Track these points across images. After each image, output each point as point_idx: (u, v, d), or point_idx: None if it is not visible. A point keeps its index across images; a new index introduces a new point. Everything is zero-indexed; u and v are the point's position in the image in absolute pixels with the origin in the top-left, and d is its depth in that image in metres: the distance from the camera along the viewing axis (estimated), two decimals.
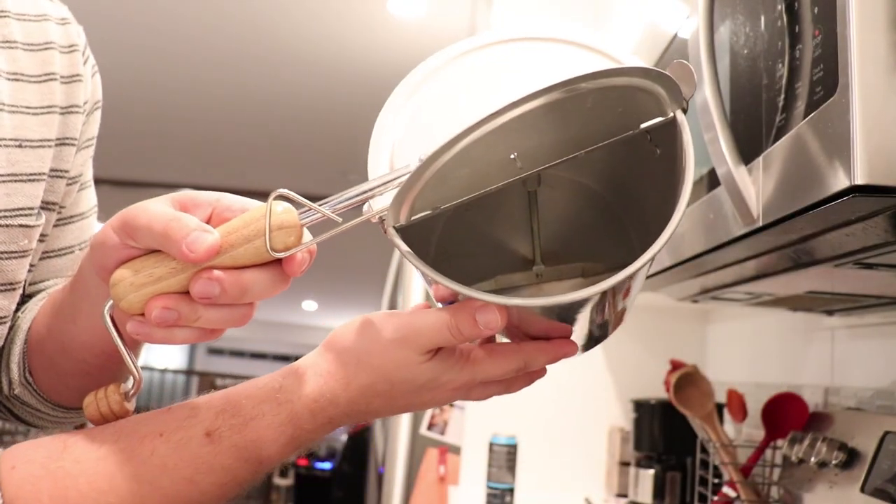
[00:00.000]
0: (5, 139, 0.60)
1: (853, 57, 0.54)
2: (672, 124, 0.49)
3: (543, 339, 0.53)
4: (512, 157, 0.50)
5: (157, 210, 0.47)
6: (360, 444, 4.76)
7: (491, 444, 1.69)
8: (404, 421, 2.20)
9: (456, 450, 2.11)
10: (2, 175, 0.59)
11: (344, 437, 5.18)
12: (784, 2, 0.66)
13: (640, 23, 1.48)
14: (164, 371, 9.26)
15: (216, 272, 0.46)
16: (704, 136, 0.71)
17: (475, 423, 2.03)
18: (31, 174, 0.61)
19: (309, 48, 3.59)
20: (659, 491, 1.60)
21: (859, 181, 0.52)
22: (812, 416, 1.21)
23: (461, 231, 0.59)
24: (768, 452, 1.30)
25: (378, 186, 0.50)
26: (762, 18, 0.71)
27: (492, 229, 0.62)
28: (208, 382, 7.97)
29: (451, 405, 2.31)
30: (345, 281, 8.52)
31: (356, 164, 5.33)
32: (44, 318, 0.64)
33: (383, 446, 2.77)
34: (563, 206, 0.61)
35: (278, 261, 0.48)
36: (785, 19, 0.66)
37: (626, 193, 0.58)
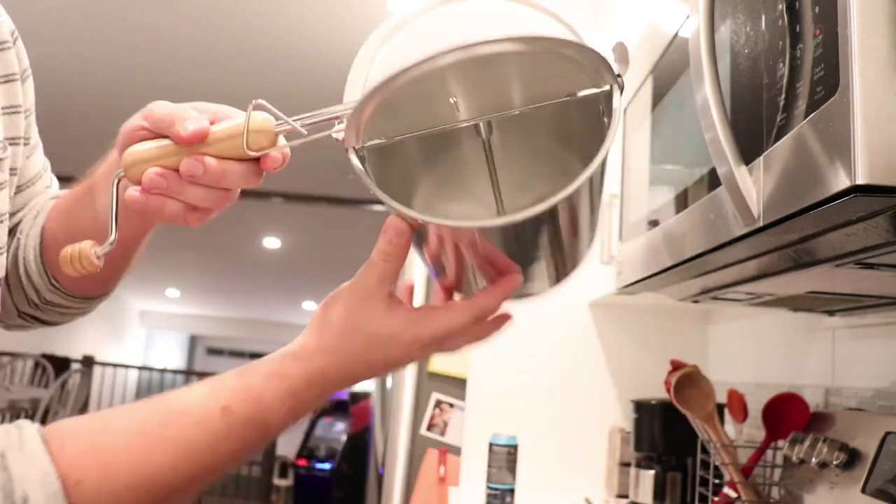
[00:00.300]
0: None
1: (854, 56, 0.54)
2: (609, 96, 0.54)
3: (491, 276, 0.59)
4: (452, 101, 0.55)
5: (170, 103, 0.60)
6: (360, 444, 4.76)
7: (491, 445, 1.69)
8: (404, 421, 2.20)
9: (456, 450, 2.11)
10: None
11: (344, 438, 5.18)
12: (785, 1, 0.66)
13: (640, 22, 1.48)
14: (163, 371, 9.26)
15: (203, 157, 0.56)
16: (705, 135, 0.71)
17: (475, 424, 2.03)
18: None
19: (309, 47, 3.59)
20: (659, 491, 1.60)
21: (860, 181, 0.52)
22: (813, 416, 1.21)
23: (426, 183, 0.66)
24: (769, 453, 1.30)
25: (344, 111, 0.56)
26: (763, 18, 0.71)
27: (453, 181, 0.67)
28: None
29: (451, 405, 2.31)
30: (344, 281, 8.51)
31: None
32: (56, 224, 0.75)
33: (383, 447, 2.77)
34: (521, 162, 0.65)
35: (256, 159, 0.58)
36: (786, 18, 0.66)
37: (581, 149, 0.61)
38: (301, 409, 0.57)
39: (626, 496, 1.77)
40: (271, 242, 7.49)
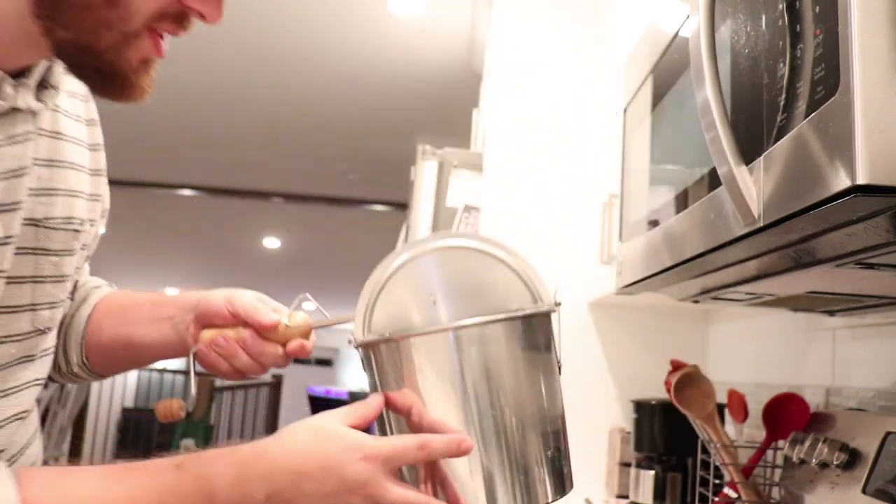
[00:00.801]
0: (64, 162, 0.78)
1: (854, 56, 0.53)
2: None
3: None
4: (432, 300, 0.69)
5: (249, 296, 0.82)
6: None
7: None
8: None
9: None
10: (63, 190, 0.77)
11: None
12: (785, 1, 0.66)
13: (640, 22, 1.48)
14: (163, 371, 9.26)
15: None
16: (705, 135, 0.71)
17: None
18: (76, 191, 0.80)
19: (309, 47, 3.58)
20: (660, 492, 1.59)
21: (860, 181, 0.52)
22: (813, 416, 1.21)
23: None
24: (769, 453, 1.30)
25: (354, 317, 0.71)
26: (763, 17, 0.71)
27: None
28: (207, 383, 7.97)
29: None
30: (344, 281, 8.51)
31: (356, 164, 5.32)
32: (106, 318, 0.90)
33: None
34: None
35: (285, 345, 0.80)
36: (786, 18, 0.66)
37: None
38: (247, 482, 0.61)
39: (626, 496, 1.77)
40: (271, 242, 7.49)
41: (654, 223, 1.10)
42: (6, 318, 0.73)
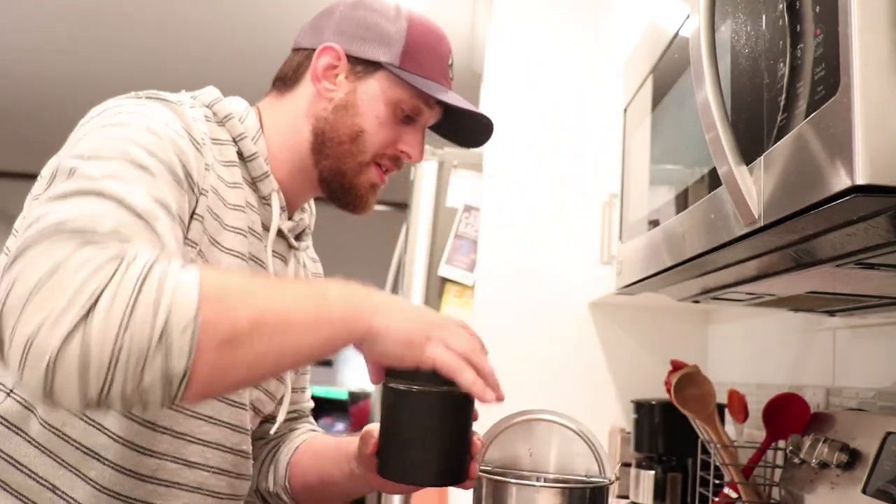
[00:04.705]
0: None
1: (855, 56, 0.53)
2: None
3: None
4: (529, 452, 0.97)
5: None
6: None
7: None
8: None
9: None
10: None
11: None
12: (785, 1, 0.66)
13: (640, 22, 1.48)
14: None
15: None
16: (706, 135, 0.71)
17: (474, 424, 2.03)
18: None
19: None
20: (660, 492, 1.59)
21: (860, 181, 0.52)
22: (813, 416, 1.21)
23: None
24: (769, 453, 1.30)
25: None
26: (763, 17, 0.71)
27: None
28: None
29: None
30: (342, 278, 8.49)
31: None
32: (306, 457, 1.07)
33: None
34: None
35: None
36: (786, 18, 0.66)
37: None
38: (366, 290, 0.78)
39: (626, 497, 1.77)
40: None
41: (654, 223, 1.10)
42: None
